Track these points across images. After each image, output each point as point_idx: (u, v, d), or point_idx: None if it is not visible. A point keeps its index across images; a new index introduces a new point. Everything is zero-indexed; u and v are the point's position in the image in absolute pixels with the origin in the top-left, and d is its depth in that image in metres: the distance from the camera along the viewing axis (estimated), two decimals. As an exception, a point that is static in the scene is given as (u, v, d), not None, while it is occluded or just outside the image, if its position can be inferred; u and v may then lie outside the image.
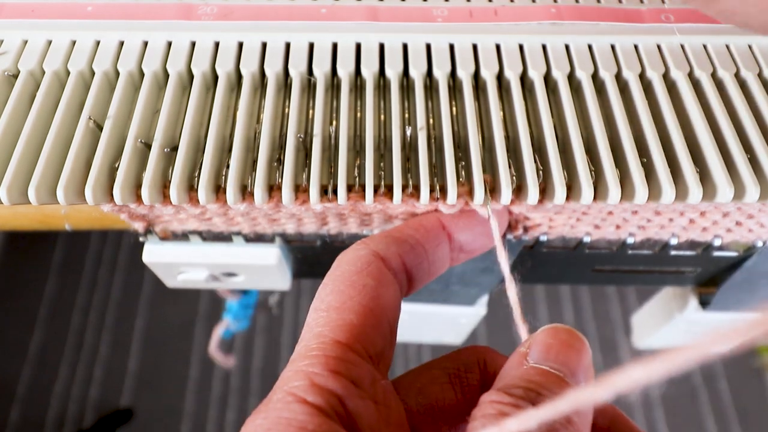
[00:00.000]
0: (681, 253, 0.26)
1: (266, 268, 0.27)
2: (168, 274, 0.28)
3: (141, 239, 0.26)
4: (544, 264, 0.28)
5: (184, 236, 0.26)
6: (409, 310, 0.34)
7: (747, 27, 0.19)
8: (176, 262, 0.27)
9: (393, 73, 0.22)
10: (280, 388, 0.15)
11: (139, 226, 0.25)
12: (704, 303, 0.31)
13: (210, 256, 0.26)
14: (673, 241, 0.25)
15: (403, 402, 0.17)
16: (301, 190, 0.20)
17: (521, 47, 0.23)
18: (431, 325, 0.36)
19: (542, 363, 0.16)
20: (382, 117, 0.22)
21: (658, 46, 0.23)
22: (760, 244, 0.25)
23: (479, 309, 0.33)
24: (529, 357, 0.16)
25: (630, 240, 0.25)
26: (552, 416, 0.12)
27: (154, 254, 0.26)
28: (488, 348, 0.19)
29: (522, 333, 0.18)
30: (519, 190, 0.20)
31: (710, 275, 0.29)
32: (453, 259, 0.21)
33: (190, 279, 0.28)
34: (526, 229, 0.25)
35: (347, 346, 0.16)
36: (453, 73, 0.23)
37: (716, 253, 0.26)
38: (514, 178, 0.20)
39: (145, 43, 0.23)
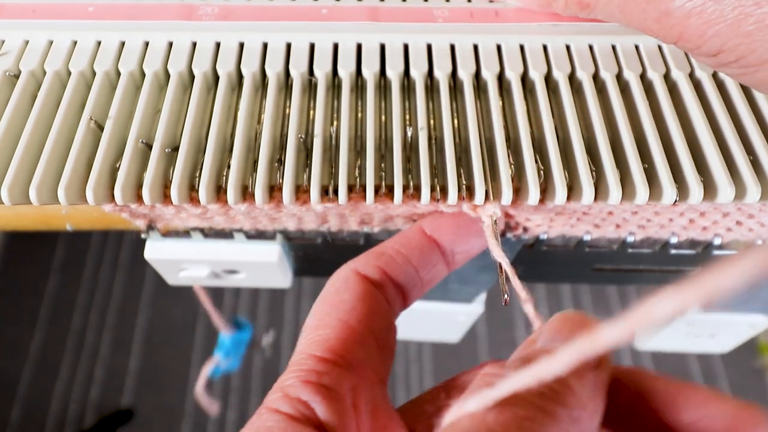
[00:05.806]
0: (681, 252, 0.26)
1: (267, 266, 0.27)
2: (169, 271, 0.28)
3: (143, 236, 0.26)
4: (544, 262, 0.28)
5: (185, 233, 0.26)
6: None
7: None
8: (178, 259, 0.27)
9: (394, 73, 0.22)
10: (261, 407, 0.16)
11: (140, 223, 0.25)
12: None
13: (211, 252, 0.27)
14: (674, 240, 0.25)
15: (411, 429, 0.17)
16: (301, 190, 0.20)
17: (522, 48, 0.23)
18: (429, 322, 0.36)
19: (548, 345, 0.15)
20: (383, 117, 0.22)
21: (660, 47, 0.23)
22: (760, 243, 0.25)
23: (477, 307, 0.33)
24: (537, 341, 0.15)
25: (630, 239, 0.25)
26: (547, 375, 0.11)
27: (156, 251, 0.26)
28: (493, 361, 0.19)
29: (536, 325, 0.18)
30: (519, 190, 0.20)
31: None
32: (449, 263, 0.21)
33: (191, 276, 0.28)
34: (525, 229, 0.25)
35: (321, 358, 0.17)
36: (454, 74, 0.23)
37: (716, 252, 0.26)
38: (515, 178, 0.20)
39: (146, 44, 0.23)
